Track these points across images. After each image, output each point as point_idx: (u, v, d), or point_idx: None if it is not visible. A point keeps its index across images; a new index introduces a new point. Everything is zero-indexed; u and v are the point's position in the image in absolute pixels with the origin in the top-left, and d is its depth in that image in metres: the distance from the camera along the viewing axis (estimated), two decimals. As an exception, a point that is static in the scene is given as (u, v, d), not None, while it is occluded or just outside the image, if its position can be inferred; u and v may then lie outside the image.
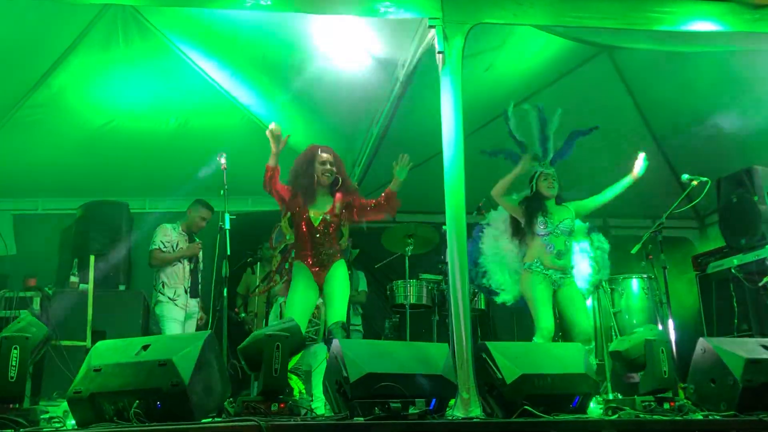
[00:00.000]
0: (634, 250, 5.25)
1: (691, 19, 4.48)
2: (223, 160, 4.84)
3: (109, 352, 3.64)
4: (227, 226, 4.62)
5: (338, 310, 4.64)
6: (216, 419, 3.47)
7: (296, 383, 4.52)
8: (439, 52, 4.07)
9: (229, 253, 4.56)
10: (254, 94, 6.48)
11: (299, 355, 4.61)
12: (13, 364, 3.38)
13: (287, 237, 5.95)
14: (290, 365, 4.51)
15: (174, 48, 6.15)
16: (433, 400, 3.73)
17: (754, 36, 4.91)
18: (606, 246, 5.52)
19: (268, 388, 3.64)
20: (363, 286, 7.19)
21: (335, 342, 3.80)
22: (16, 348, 3.41)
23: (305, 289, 4.69)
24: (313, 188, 4.80)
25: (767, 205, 5.90)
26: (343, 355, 3.66)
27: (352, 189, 5.02)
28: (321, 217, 4.75)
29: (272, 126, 4.69)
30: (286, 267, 4.93)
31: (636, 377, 4.08)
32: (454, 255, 3.91)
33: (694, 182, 5.08)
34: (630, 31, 5.22)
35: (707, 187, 5.05)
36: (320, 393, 4.71)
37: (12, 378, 3.37)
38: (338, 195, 4.82)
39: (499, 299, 5.38)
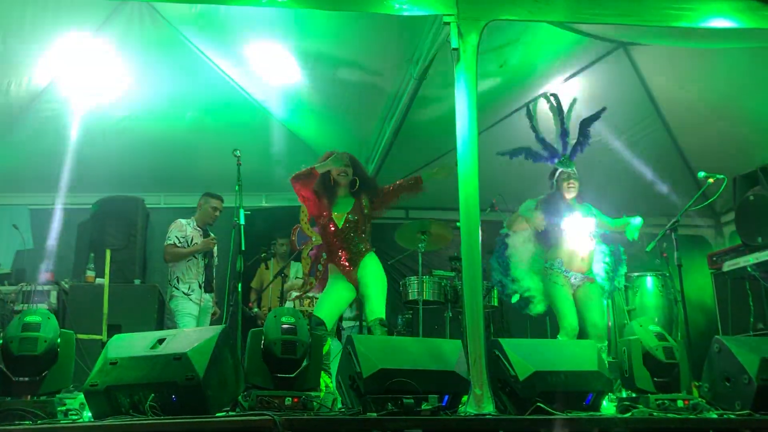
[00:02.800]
0: (649, 248, 5.22)
1: (709, 16, 4.44)
2: (237, 155, 4.83)
3: (125, 346, 3.68)
4: (242, 221, 4.64)
5: (376, 306, 4.66)
6: (230, 413, 3.50)
7: (324, 378, 4.52)
8: (453, 49, 4.06)
9: (243, 248, 4.59)
10: (269, 91, 6.49)
11: (326, 349, 4.62)
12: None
13: (313, 239, 5.97)
14: None
15: (189, 43, 6.17)
16: (446, 397, 3.73)
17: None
18: (621, 250, 5.49)
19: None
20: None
21: (349, 337, 3.82)
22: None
23: (339, 289, 4.73)
24: (332, 190, 4.81)
25: (784, 203, 5.84)
26: (356, 351, 3.67)
27: (373, 186, 5.02)
28: (344, 217, 4.77)
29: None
30: (320, 269, 4.94)
31: None
32: (467, 251, 3.90)
33: (711, 180, 5.03)
34: (646, 27, 5.21)
35: (724, 184, 5.00)
36: (333, 388, 4.73)
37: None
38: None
39: (534, 311, 5.32)
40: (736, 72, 6.54)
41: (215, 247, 6.06)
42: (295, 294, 5.92)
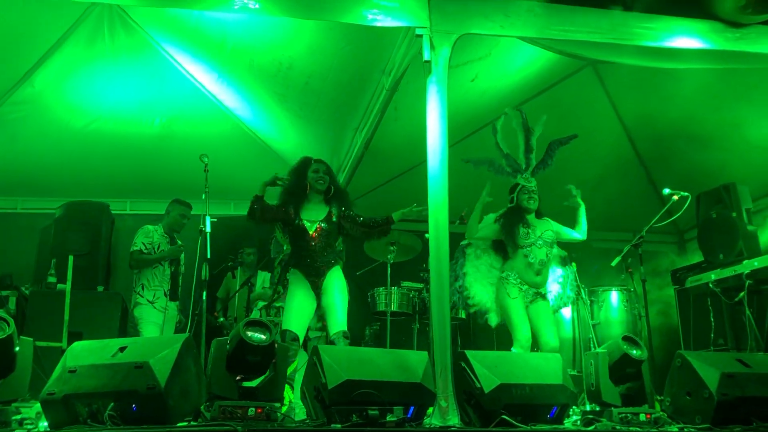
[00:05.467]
0: (613, 263, 5.29)
1: (675, 35, 4.55)
2: (205, 161, 4.78)
3: (85, 354, 3.60)
4: (208, 229, 4.59)
5: (339, 319, 4.63)
6: (192, 423, 3.43)
7: (287, 392, 4.47)
8: (425, 61, 4.08)
9: (209, 256, 4.53)
10: (240, 99, 6.46)
11: (294, 365, 4.58)
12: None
13: (284, 247, 5.92)
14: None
15: (160, 49, 6.12)
16: (411, 408, 3.72)
17: (734, 55, 4.99)
18: (572, 270, 5.55)
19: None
20: (344, 293, 7.16)
21: (315, 347, 3.79)
22: None
23: (303, 298, 4.67)
24: (306, 196, 4.79)
25: (745, 221, 5.98)
26: (322, 361, 3.64)
27: (346, 197, 5.01)
28: (316, 225, 4.74)
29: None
30: (287, 278, 4.90)
31: None
32: (435, 263, 3.91)
33: (675, 197, 5.13)
34: (615, 46, 5.30)
35: (687, 201, 5.11)
36: (298, 400, 4.69)
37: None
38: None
39: (491, 322, 5.35)
40: (701, 92, 6.68)
41: (182, 255, 5.98)
42: (262, 304, 5.86)
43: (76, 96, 6.52)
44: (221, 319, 6.64)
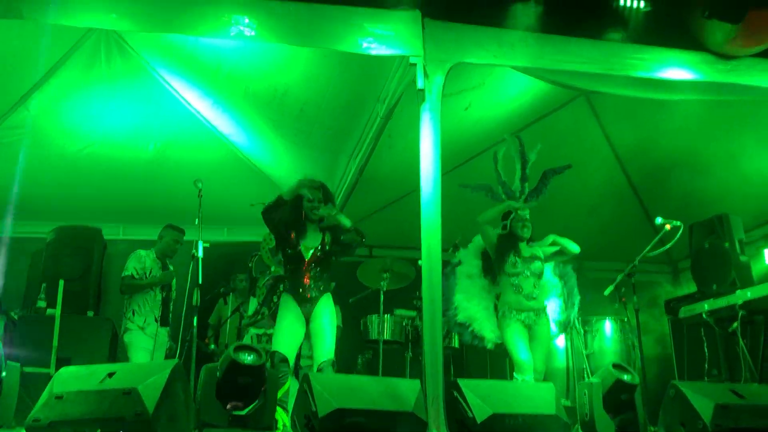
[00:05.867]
0: (606, 292, 5.28)
1: (667, 65, 4.60)
2: (199, 186, 4.78)
3: (73, 379, 3.56)
4: (200, 254, 4.57)
5: (328, 347, 4.59)
6: (180, 451, 3.38)
7: (281, 415, 4.41)
8: (419, 89, 4.11)
9: (200, 281, 4.50)
10: (235, 124, 6.48)
11: (286, 387, 4.51)
12: None
13: (271, 269, 5.89)
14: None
15: (156, 75, 6.13)
16: (403, 438, 3.68)
17: (726, 86, 5.05)
18: (573, 278, 5.53)
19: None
20: (338, 321, 7.11)
21: (305, 375, 3.75)
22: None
23: (293, 321, 4.63)
24: (302, 224, 4.78)
25: (738, 252, 5.99)
26: (313, 389, 3.61)
27: (340, 227, 4.98)
28: (312, 251, 4.73)
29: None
30: (275, 300, 4.86)
31: None
32: (428, 289, 3.89)
33: (667, 226, 5.14)
34: (608, 77, 5.36)
35: (680, 231, 5.12)
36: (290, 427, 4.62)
37: None
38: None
39: (477, 341, 5.33)
40: (693, 123, 6.74)
41: (173, 281, 5.94)
42: (254, 331, 5.81)
43: (72, 120, 6.52)
44: (212, 346, 6.58)
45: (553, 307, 5.54)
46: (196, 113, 6.47)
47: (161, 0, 4.08)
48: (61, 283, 5.06)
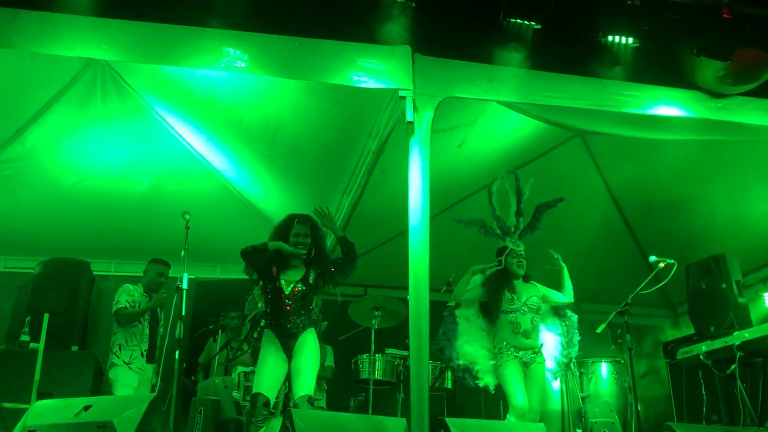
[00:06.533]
0: (599, 330, 5.17)
1: (658, 103, 4.60)
2: (187, 218, 4.75)
3: (48, 413, 3.48)
4: (185, 286, 4.50)
5: (306, 382, 4.46)
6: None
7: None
8: (408, 122, 4.11)
9: (184, 313, 4.43)
10: (229, 160, 6.48)
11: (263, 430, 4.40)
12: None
13: (258, 305, 5.81)
14: None
15: (150, 110, 6.17)
16: (387, 478, 3.56)
17: (718, 126, 5.04)
18: (574, 318, 5.43)
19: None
20: (330, 361, 6.97)
21: (288, 411, 3.65)
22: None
23: (275, 359, 4.53)
24: (285, 258, 4.74)
25: (735, 293, 5.89)
26: (295, 426, 3.51)
27: (325, 261, 4.94)
28: (292, 286, 4.66)
29: None
30: (254, 336, 4.77)
31: None
32: (415, 324, 3.81)
33: (661, 264, 5.06)
34: (600, 115, 5.37)
35: (674, 269, 5.04)
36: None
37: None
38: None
39: (480, 383, 5.22)
40: (688, 165, 6.73)
41: (161, 315, 5.84)
42: (241, 369, 5.69)
43: (66, 155, 6.54)
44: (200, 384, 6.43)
45: (553, 346, 5.44)
46: (190, 148, 6.49)
47: (152, 31, 4.09)
48: (46, 316, 4.98)
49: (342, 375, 6.88)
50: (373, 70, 4.22)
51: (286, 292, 4.64)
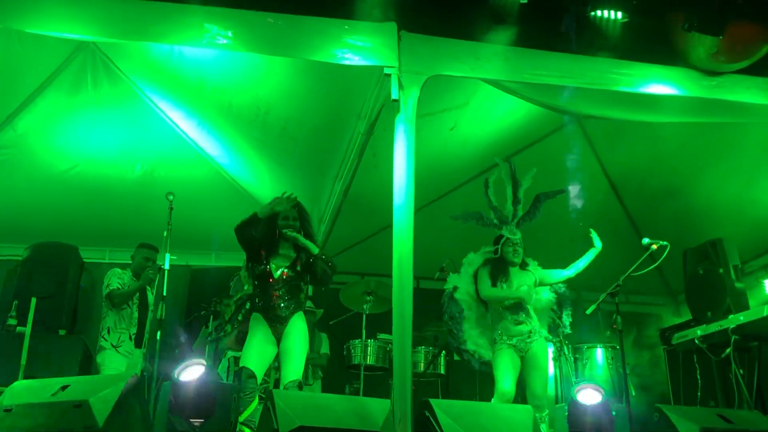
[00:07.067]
0: (589, 311, 5.10)
1: (650, 81, 4.51)
2: (170, 198, 4.71)
3: (25, 392, 3.44)
4: (167, 266, 4.46)
5: (295, 367, 4.44)
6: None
7: (247, 436, 4.25)
8: (393, 100, 4.04)
9: (165, 293, 4.39)
10: (221, 145, 6.43)
11: (253, 406, 4.35)
12: None
13: (245, 287, 5.76)
14: (243, 417, 4.27)
15: (142, 95, 6.13)
16: (370, 459, 3.50)
17: (714, 107, 4.95)
18: (568, 309, 5.39)
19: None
20: (325, 348, 6.94)
21: (269, 392, 3.61)
22: None
23: (262, 341, 4.50)
24: (275, 241, 4.68)
25: (733, 278, 5.79)
26: (275, 406, 3.45)
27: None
28: (281, 270, 4.62)
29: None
30: (240, 318, 4.74)
31: None
32: (399, 305, 3.76)
33: (654, 246, 4.99)
34: (595, 98, 5.27)
35: (666, 250, 4.96)
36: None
37: None
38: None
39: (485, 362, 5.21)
40: (685, 149, 6.65)
41: (151, 297, 5.80)
42: (231, 354, 5.65)
43: (58, 141, 6.51)
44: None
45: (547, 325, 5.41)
46: (182, 134, 6.44)
47: (133, 8, 4.04)
48: (33, 300, 4.94)
49: (338, 363, 6.84)
50: (358, 47, 4.15)
51: (275, 277, 4.61)
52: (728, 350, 4.96)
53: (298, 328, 4.54)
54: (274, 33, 4.12)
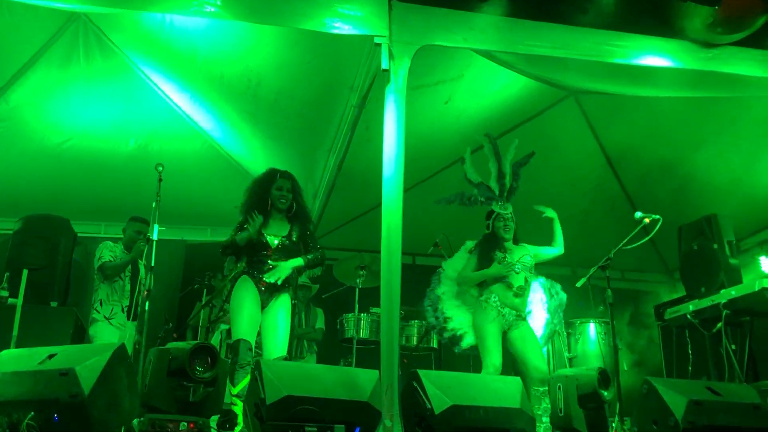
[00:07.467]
0: (579, 284, 5.10)
1: (645, 53, 4.44)
2: (160, 170, 4.68)
3: (12, 361, 3.43)
4: (155, 237, 4.44)
5: (280, 343, 4.44)
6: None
7: (241, 409, 4.24)
8: (384, 70, 3.99)
9: (153, 264, 4.37)
10: (213, 119, 6.38)
11: (247, 380, 4.36)
12: None
13: (239, 265, 5.75)
14: (236, 390, 4.28)
15: (135, 68, 6.08)
16: (357, 429, 3.50)
17: (712, 79, 4.88)
18: (563, 296, 5.38)
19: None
20: (321, 323, 6.96)
21: (257, 362, 3.60)
22: None
23: (252, 307, 4.46)
24: (266, 211, 4.68)
25: (728, 254, 5.77)
26: (263, 376, 3.45)
27: (307, 219, 4.87)
28: (278, 240, 4.61)
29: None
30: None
31: None
32: (387, 274, 3.74)
33: (646, 219, 4.96)
34: (590, 71, 5.21)
35: (659, 224, 4.93)
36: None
37: None
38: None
39: (464, 344, 5.18)
40: (683, 125, 6.60)
41: (143, 269, 5.79)
42: (223, 327, 5.66)
43: (51, 114, 6.46)
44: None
45: (539, 317, 5.38)
46: (175, 107, 6.40)
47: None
48: (25, 272, 4.94)
49: (333, 339, 6.85)
50: (349, 16, 4.09)
51: (273, 246, 4.60)
52: (719, 325, 4.94)
53: (285, 304, 4.55)
54: (263, 1, 4.06)
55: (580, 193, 7.67)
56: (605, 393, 4.15)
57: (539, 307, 5.48)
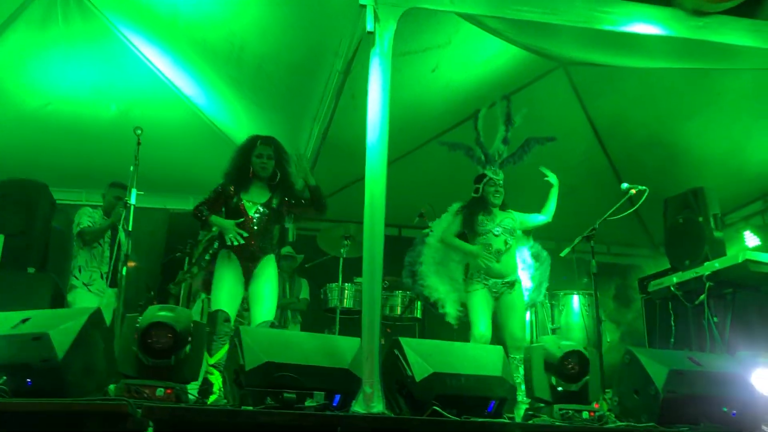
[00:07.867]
0: (563, 254, 5.10)
1: (635, 20, 4.35)
2: (138, 133, 4.58)
3: (-16, 326, 3.36)
4: (133, 201, 4.37)
5: (266, 308, 4.42)
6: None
7: (217, 379, 4.22)
8: (368, 32, 3.89)
9: (131, 228, 4.30)
10: (196, 84, 6.26)
11: (224, 350, 4.32)
12: None
13: (213, 229, 5.66)
14: (213, 360, 4.25)
15: (116, 31, 5.96)
16: (337, 396, 3.48)
17: (703, 49, 4.82)
18: (544, 254, 5.37)
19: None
20: (305, 293, 6.93)
21: (236, 328, 3.56)
22: None
23: (232, 281, 4.45)
24: (247, 178, 4.60)
25: (713, 227, 5.76)
26: (242, 342, 3.41)
27: (290, 186, 4.81)
28: (256, 207, 4.55)
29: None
30: (207, 258, 4.69)
31: None
32: (369, 241, 3.69)
33: (633, 190, 4.96)
34: (581, 42, 5.15)
35: (645, 195, 4.92)
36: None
37: None
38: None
39: (451, 321, 5.19)
40: (672, 98, 6.56)
41: (122, 234, 5.71)
42: (204, 295, 5.60)
43: (29, 77, 6.32)
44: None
45: (524, 278, 5.39)
46: (157, 72, 6.28)
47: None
48: (1, 237, 4.86)
49: (316, 306, 6.82)
50: (334, -22, 3.98)
51: (250, 214, 4.54)
52: (702, 297, 4.95)
53: (269, 270, 4.51)
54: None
55: (567, 167, 7.59)
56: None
57: (523, 273, 5.46)
